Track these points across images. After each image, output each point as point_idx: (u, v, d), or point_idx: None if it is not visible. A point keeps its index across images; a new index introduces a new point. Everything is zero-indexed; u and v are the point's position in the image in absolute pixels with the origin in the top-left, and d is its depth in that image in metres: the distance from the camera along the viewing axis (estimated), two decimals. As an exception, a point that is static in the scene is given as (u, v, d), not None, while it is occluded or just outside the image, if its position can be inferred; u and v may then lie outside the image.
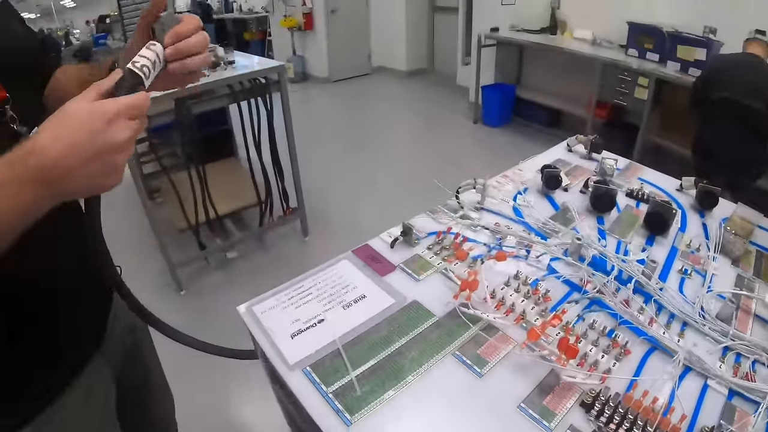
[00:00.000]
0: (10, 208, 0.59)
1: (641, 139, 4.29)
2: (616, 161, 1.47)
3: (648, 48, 4.32)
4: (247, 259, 3.71)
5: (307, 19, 8.40)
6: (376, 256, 1.05)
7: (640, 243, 1.13)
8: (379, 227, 3.23)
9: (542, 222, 1.16)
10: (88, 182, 0.63)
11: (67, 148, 0.59)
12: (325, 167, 5.11)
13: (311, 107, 7.60)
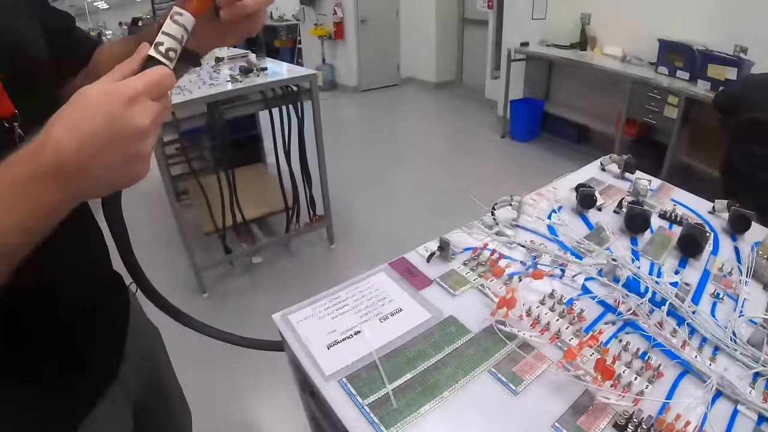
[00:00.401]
0: (26, 210, 0.53)
1: (670, 158, 4.25)
2: (649, 182, 1.46)
3: (678, 66, 4.29)
4: (273, 264, 3.73)
5: (337, 28, 8.45)
6: (413, 270, 1.06)
7: (672, 265, 1.12)
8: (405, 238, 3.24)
9: (577, 241, 1.16)
10: (110, 176, 0.56)
11: (82, 138, 0.52)
12: (351, 176, 5.13)
13: (339, 116, 7.64)
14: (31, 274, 0.62)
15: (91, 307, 0.94)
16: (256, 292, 3.42)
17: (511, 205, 1.25)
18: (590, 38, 5.51)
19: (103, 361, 0.97)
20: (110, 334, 1.01)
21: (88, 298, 0.94)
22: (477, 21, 7.92)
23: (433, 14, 8.19)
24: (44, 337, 0.83)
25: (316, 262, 3.76)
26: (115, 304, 1.06)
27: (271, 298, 3.34)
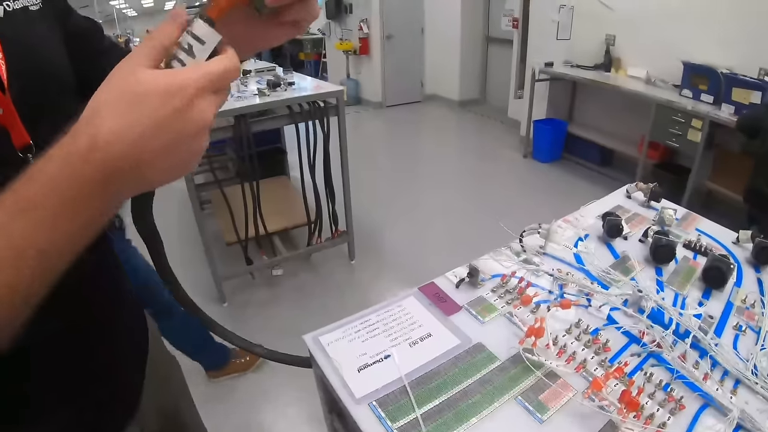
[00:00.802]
0: (73, 216, 0.48)
1: (693, 182, 4.24)
2: (675, 211, 1.47)
3: (702, 89, 4.28)
4: (293, 277, 3.78)
5: (363, 44, 8.53)
6: (442, 295, 1.08)
7: (696, 296, 1.13)
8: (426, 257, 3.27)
9: (603, 270, 1.17)
10: (161, 175, 0.51)
11: (141, 137, 0.46)
12: (373, 191, 5.17)
13: (363, 131, 7.70)
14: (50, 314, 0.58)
15: (110, 343, 0.93)
16: (275, 304, 3.45)
17: (539, 233, 1.26)
18: (614, 59, 5.53)
19: (121, 398, 0.96)
20: (129, 369, 1.00)
21: (108, 333, 0.93)
22: (501, 40, 7.97)
23: (458, 32, 8.24)
24: (59, 378, 0.81)
25: (336, 277, 3.79)
26: (134, 336, 1.05)
27: (290, 311, 3.37)
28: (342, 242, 3.87)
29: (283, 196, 4.13)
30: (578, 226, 1.40)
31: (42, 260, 0.48)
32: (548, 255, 1.24)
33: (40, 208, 0.46)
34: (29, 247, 0.46)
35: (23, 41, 0.72)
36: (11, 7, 0.72)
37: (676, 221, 1.47)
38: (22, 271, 0.47)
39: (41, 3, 0.79)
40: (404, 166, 6.27)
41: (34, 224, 0.46)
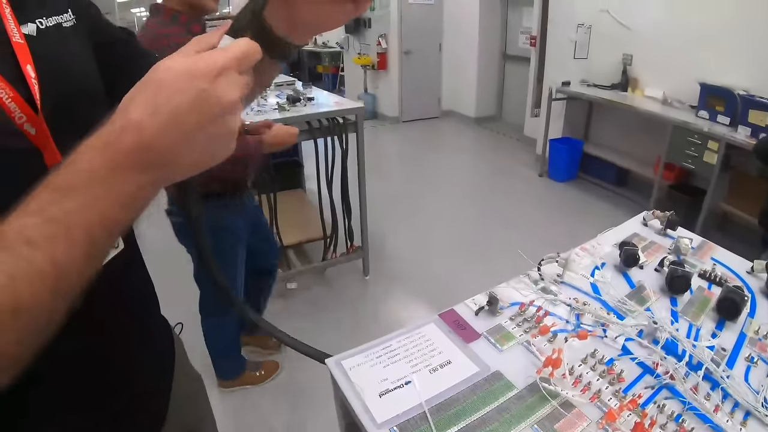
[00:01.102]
0: (107, 203, 0.49)
1: (708, 204, 4.23)
2: (691, 240, 1.48)
3: (719, 110, 4.28)
4: (306, 290, 3.80)
5: (381, 59, 8.57)
6: (461, 323, 1.10)
7: (710, 327, 1.14)
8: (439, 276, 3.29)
9: (619, 300, 1.19)
10: (196, 157, 0.52)
11: (168, 118, 0.48)
12: (388, 207, 5.18)
13: (379, 146, 7.72)
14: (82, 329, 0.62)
15: (137, 363, 0.94)
16: (288, 317, 3.47)
17: (557, 262, 1.28)
18: (631, 79, 5.54)
19: (145, 412, 0.97)
20: (151, 381, 1.01)
21: (136, 352, 0.94)
22: (518, 57, 8.01)
23: (475, 49, 8.28)
24: (83, 397, 0.82)
25: (350, 292, 3.80)
26: (157, 347, 1.06)
27: (303, 324, 3.40)
28: (357, 258, 3.89)
29: (299, 209, 4.16)
30: (595, 254, 1.42)
31: (89, 239, 0.49)
32: (566, 283, 1.26)
33: (81, 192, 0.48)
34: (76, 226, 0.48)
35: (56, 59, 0.74)
36: (44, 25, 0.74)
37: (691, 250, 1.48)
38: (73, 249, 0.48)
39: (75, 19, 0.81)
40: (420, 182, 6.29)
41: (77, 206, 0.48)
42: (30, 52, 0.69)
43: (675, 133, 4.48)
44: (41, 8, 0.75)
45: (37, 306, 0.47)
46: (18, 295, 0.46)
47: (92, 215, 0.48)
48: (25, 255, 0.46)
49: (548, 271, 1.28)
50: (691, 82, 4.63)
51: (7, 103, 0.64)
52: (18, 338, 0.47)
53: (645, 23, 5.27)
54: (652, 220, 1.67)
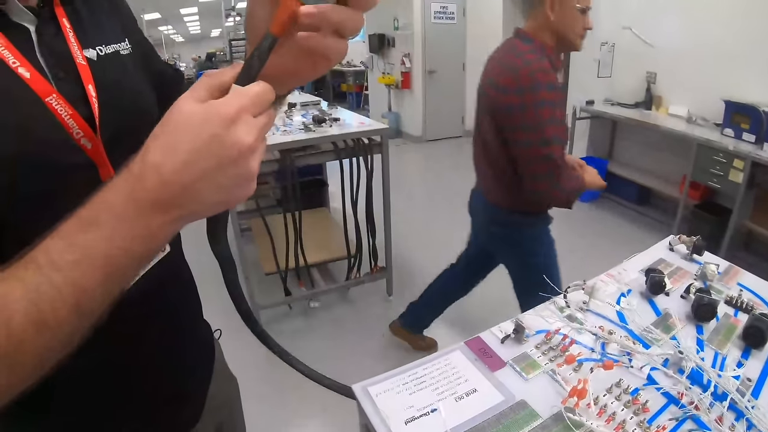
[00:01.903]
0: (129, 239, 0.52)
1: (733, 223, 4.17)
2: (717, 266, 1.48)
3: (744, 128, 4.22)
4: (330, 310, 3.80)
5: (405, 78, 8.63)
6: (488, 351, 1.10)
7: (736, 355, 1.14)
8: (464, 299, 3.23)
9: (644, 329, 1.19)
10: (216, 197, 0.54)
11: (185, 161, 0.51)
12: (412, 226, 5.18)
13: (403, 164, 7.73)
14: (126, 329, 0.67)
15: (179, 363, 0.99)
16: (311, 336, 3.48)
17: (583, 290, 1.28)
18: (655, 97, 5.49)
19: (180, 418, 1.01)
20: (192, 392, 1.05)
21: (178, 353, 0.99)
22: (542, 77, 7.96)
23: (499, 68, 8.24)
24: (124, 399, 0.87)
25: (373, 312, 3.81)
26: (200, 356, 1.11)
27: (325, 343, 3.40)
28: (381, 278, 3.89)
29: (323, 228, 4.18)
30: (621, 281, 1.42)
31: (110, 266, 0.52)
32: (592, 311, 1.26)
33: (103, 225, 0.51)
34: (97, 255, 0.51)
35: (115, 83, 0.80)
36: (104, 51, 0.80)
37: (718, 275, 1.48)
38: (95, 273, 0.51)
39: (131, 47, 0.87)
40: (443, 202, 6.27)
41: (99, 238, 0.51)
42: (91, 75, 0.75)
43: (700, 152, 4.42)
44: (101, 36, 0.81)
45: (57, 323, 0.50)
46: (43, 311, 0.49)
47: (112, 248, 0.51)
48: (50, 276, 0.49)
49: (574, 299, 1.29)
50: (715, 99, 4.58)
51: (66, 120, 0.69)
52: (38, 352, 0.51)
53: (668, 40, 5.23)
54: (678, 245, 1.66)
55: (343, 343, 3.41)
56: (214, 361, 1.16)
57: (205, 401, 1.08)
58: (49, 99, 0.68)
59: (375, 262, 3.81)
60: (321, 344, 3.39)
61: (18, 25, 0.69)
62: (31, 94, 0.67)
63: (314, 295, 3.75)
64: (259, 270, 3.62)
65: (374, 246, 3.75)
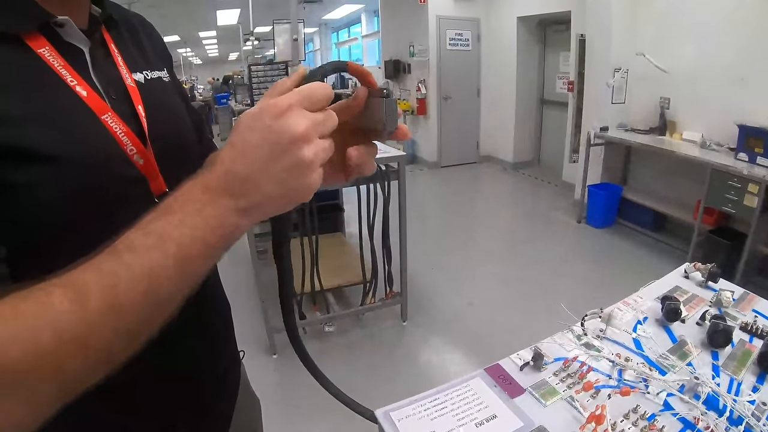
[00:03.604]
0: (200, 223, 0.56)
1: (749, 249, 4.14)
2: (732, 293, 1.49)
3: (758, 152, 4.22)
4: (344, 334, 3.82)
5: (420, 104, 8.68)
6: (506, 377, 1.12)
7: (751, 381, 1.15)
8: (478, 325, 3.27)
9: (661, 355, 1.21)
10: (276, 188, 0.57)
11: (242, 150, 0.56)
12: (426, 251, 5.20)
13: (418, 190, 7.77)
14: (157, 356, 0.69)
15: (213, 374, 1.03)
16: (325, 360, 3.49)
17: (600, 318, 1.30)
18: (669, 123, 5.52)
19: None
20: (223, 404, 1.09)
21: (213, 365, 1.03)
22: (556, 102, 8.03)
23: (513, 94, 8.35)
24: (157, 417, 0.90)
25: (387, 337, 3.82)
26: (230, 371, 1.13)
27: (339, 368, 3.41)
28: (395, 303, 3.90)
29: (339, 253, 4.20)
30: (637, 308, 1.44)
31: (182, 254, 0.55)
32: (608, 339, 1.28)
33: (176, 212, 0.56)
34: (169, 239, 0.54)
35: (160, 104, 0.88)
36: (149, 76, 0.89)
37: (733, 302, 1.49)
38: (167, 260, 0.55)
39: (170, 77, 0.98)
40: (458, 228, 6.30)
41: (172, 223, 0.55)
42: (140, 96, 0.83)
43: (714, 177, 4.41)
44: (146, 62, 0.91)
45: (130, 307, 0.54)
46: (118, 294, 0.53)
47: (185, 232, 0.55)
48: (126, 260, 0.53)
49: (591, 326, 1.31)
50: (729, 123, 4.60)
51: (121, 137, 0.76)
52: (110, 338, 0.54)
53: (681, 65, 5.26)
54: (693, 273, 1.68)
55: (356, 368, 3.42)
56: (240, 377, 1.19)
57: (233, 415, 1.11)
58: (105, 117, 0.75)
59: (390, 287, 3.82)
60: (335, 368, 3.40)
61: (73, 46, 0.75)
62: (88, 111, 0.73)
63: (329, 319, 3.76)
64: (274, 293, 3.64)
65: (390, 272, 3.76)
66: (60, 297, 0.51)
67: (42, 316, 0.51)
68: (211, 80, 20.43)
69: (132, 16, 0.96)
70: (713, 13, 4.93)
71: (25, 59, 0.68)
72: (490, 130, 9.13)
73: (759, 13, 4.50)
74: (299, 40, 5.52)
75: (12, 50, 0.67)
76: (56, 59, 0.71)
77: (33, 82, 0.68)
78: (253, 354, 3.49)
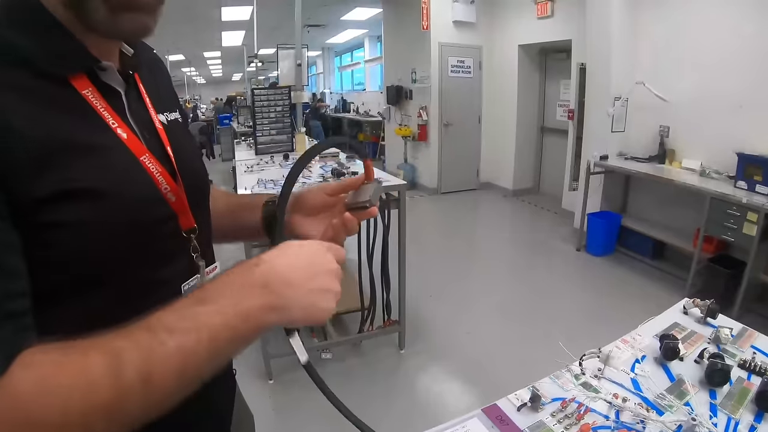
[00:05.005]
0: (234, 311, 0.63)
1: (748, 276, 4.12)
2: (731, 329, 1.49)
3: (757, 180, 4.23)
4: (341, 361, 3.80)
5: (421, 130, 8.73)
6: (504, 418, 1.12)
7: (749, 420, 1.15)
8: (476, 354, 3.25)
9: (658, 395, 1.21)
10: (304, 300, 0.68)
11: (291, 262, 0.69)
12: (425, 279, 5.18)
13: (418, 216, 7.75)
14: None
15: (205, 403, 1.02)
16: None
17: (598, 357, 1.31)
18: (669, 151, 5.54)
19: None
20: (222, 413, 1.10)
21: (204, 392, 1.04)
22: (556, 130, 8.08)
23: (514, 121, 8.40)
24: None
25: (384, 365, 3.79)
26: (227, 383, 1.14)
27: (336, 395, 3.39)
28: (393, 331, 3.87)
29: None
30: (636, 346, 1.44)
31: (212, 339, 0.61)
32: (606, 378, 1.28)
33: (212, 301, 0.63)
34: (204, 326, 0.61)
35: (181, 143, 0.93)
36: (169, 118, 0.95)
37: (731, 338, 1.49)
38: (199, 345, 0.60)
39: (182, 119, 1.02)
40: (458, 255, 6.28)
41: (207, 313, 0.62)
42: (166, 136, 0.89)
43: (713, 205, 4.41)
44: (165, 103, 0.96)
45: (161, 383, 0.59)
46: (151, 369, 0.58)
47: (218, 321, 0.62)
48: (161, 338, 0.59)
49: (590, 366, 1.31)
50: (728, 151, 4.62)
51: (157, 176, 0.81)
52: (136, 412, 0.58)
53: (680, 94, 5.30)
54: (692, 309, 1.68)
55: (353, 396, 3.39)
56: (235, 390, 1.20)
57: (231, 425, 1.12)
58: (143, 158, 0.79)
59: (388, 315, 3.81)
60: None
61: (111, 88, 0.80)
62: (129, 152, 0.78)
63: (326, 346, 3.75)
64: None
65: (388, 300, 3.75)
66: (97, 362, 0.56)
67: (79, 377, 0.55)
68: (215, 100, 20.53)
69: (151, 55, 1.00)
70: (712, 43, 4.98)
71: (71, 100, 0.72)
72: (491, 157, 9.15)
73: (757, 42, 4.55)
74: (303, 65, 5.55)
75: (60, 90, 0.71)
76: (98, 101, 0.75)
77: (80, 123, 0.72)
78: (250, 379, 3.47)
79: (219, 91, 25.02)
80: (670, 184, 5.03)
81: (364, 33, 15.46)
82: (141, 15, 0.73)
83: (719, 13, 4.91)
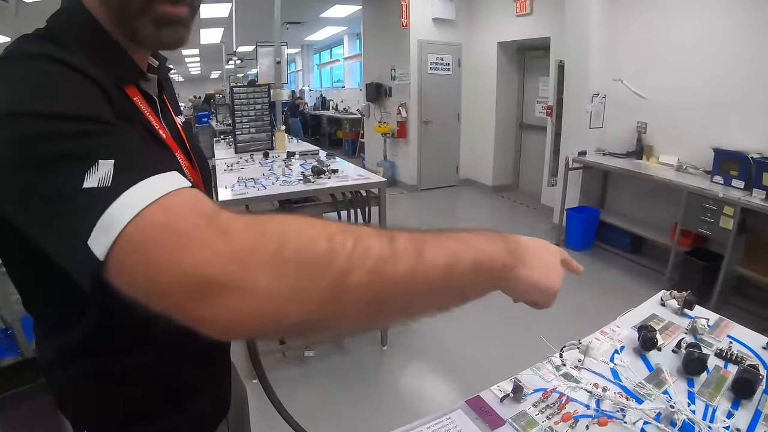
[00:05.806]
0: (475, 251, 0.70)
1: (725, 269, 4.20)
2: (707, 320, 1.52)
3: (733, 174, 4.30)
4: (324, 359, 3.79)
5: (400, 127, 8.71)
6: (487, 409, 1.14)
7: (726, 407, 1.17)
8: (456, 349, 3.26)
9: (637, 384, 1.23)
10: (537, 273, 0.81)
11: (533, 241, 0.86)
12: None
13: (398, 213, 7.73)
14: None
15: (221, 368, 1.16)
16: (305, 385, 3.47)
17: (578, 348, 1.33)
18: (646, 147, 5.61)
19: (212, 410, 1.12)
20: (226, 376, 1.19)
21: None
22: (535, 127, 8.11)
23: (493, 118, 8.42)
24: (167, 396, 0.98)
25: (367, 362, 3.80)
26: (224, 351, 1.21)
27: (319, 392, 3.40)
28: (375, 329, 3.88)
29: (320, 277, 4.18)
30: (614, 338, 1.46)
31: (448, 264, 0.65)
32: (586, 369, 1.30)
33: (465, 240, 0.71)
34: (472, 244, 0.71)
35: (192, 141, 1.07)
36: (182, 120, 1.10)
37: (708, 329, 1.52)
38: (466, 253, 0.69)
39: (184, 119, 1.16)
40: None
41: (475, 237, 0.73)
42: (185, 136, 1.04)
43: (690, 200, 4.48)
44: (177, 107, 1.11)
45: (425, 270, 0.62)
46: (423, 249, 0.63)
47: (481, 249, 0.72)
48: (434, 236, 0.67)
49: (570, 357, 1.33)
50: (704, 147, 4.69)
51: (185, 170, 0.93)
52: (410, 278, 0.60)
53: (658, 91, 5.36)
54: (669, 300, 1.71)
55: (337, 393, 3.40)
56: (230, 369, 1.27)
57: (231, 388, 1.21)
58: (177, 154, 0.94)
59: (370, 312, 3.80)
60: (315, 393, 3.39)
61: (149, 94, 0.91)
62: (170, 150, 0.92)
63: (309, 344, 3.75)
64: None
65: (370, 297, 3.75)
66: (368, 229, 0.61)
67: (355, 230, 0.58)
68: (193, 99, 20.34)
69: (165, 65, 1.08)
70: (689, 41, 5.05)
71: (130, 106, 0.84)
72: (470, 154, 9.19)
73: (733, 40, 4.63)
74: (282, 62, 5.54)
75: (122, 97, 0.81)
76: (145, 107, 0.88)
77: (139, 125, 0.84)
78: (233, 379, 3.45)
79: (197, 89, 24.80)
80: (647, 179, 5.09)
81: (343, 30, 15.42)
82: (179, 28, 0.83)
83: (696, 12, 4.98)
